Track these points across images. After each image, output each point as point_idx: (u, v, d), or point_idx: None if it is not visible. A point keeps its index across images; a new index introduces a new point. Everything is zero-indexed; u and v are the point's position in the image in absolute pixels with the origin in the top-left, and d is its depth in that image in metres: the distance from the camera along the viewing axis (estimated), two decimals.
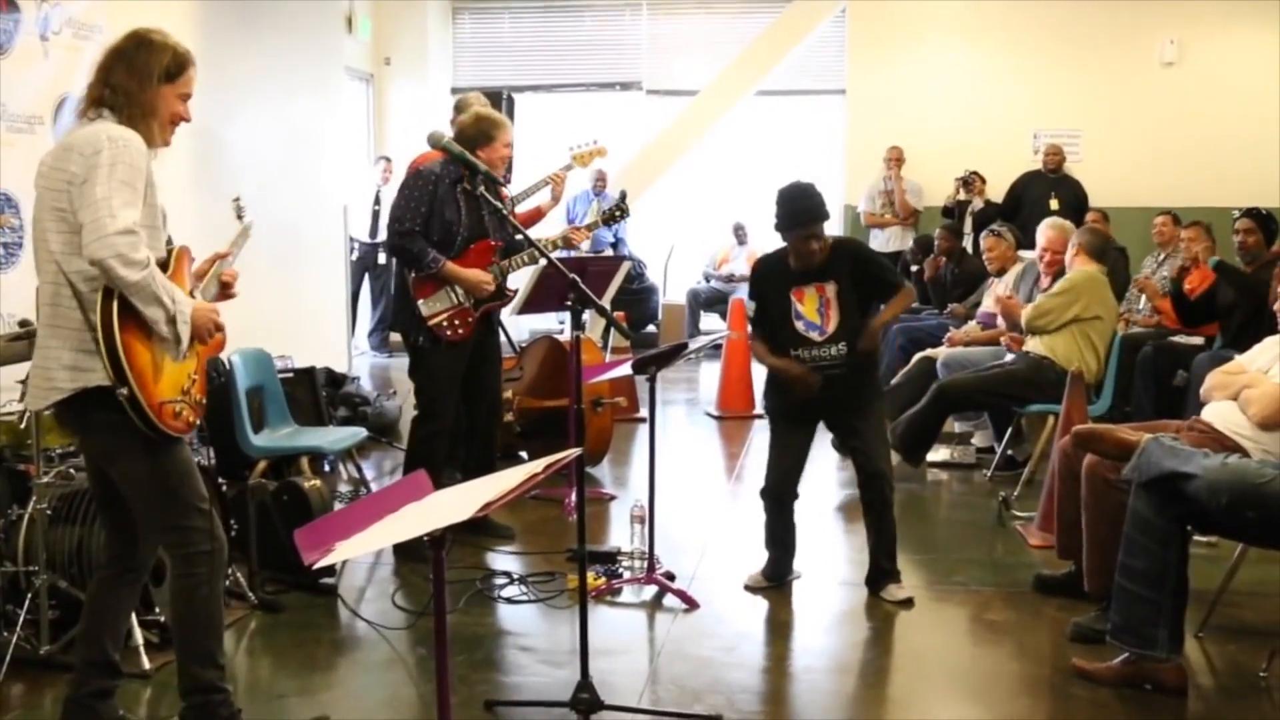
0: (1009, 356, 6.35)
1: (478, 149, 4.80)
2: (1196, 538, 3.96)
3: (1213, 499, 3.43)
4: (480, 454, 5.26)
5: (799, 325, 4.55)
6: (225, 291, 3.40)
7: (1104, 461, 3.92)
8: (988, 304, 7.22)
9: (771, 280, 4.63)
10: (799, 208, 4.47)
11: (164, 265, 3.08)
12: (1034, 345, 6.14)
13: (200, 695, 3.16)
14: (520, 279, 5.34)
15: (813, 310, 4.54)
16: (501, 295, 5.14)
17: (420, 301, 4.94)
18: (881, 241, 10.74)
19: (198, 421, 3.19)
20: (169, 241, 3.19)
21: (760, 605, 4.56)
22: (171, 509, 3.12)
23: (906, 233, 10.77)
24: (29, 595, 3.80)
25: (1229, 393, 4.18)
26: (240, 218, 3.63)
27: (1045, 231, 6.58)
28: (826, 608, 4.58)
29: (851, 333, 4.50)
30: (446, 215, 4.92)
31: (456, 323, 4.98)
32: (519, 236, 4.79)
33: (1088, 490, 4.03)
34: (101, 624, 3.30)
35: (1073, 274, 6.13)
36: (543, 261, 4.44)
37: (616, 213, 5.76)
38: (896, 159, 10.80)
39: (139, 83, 3.11)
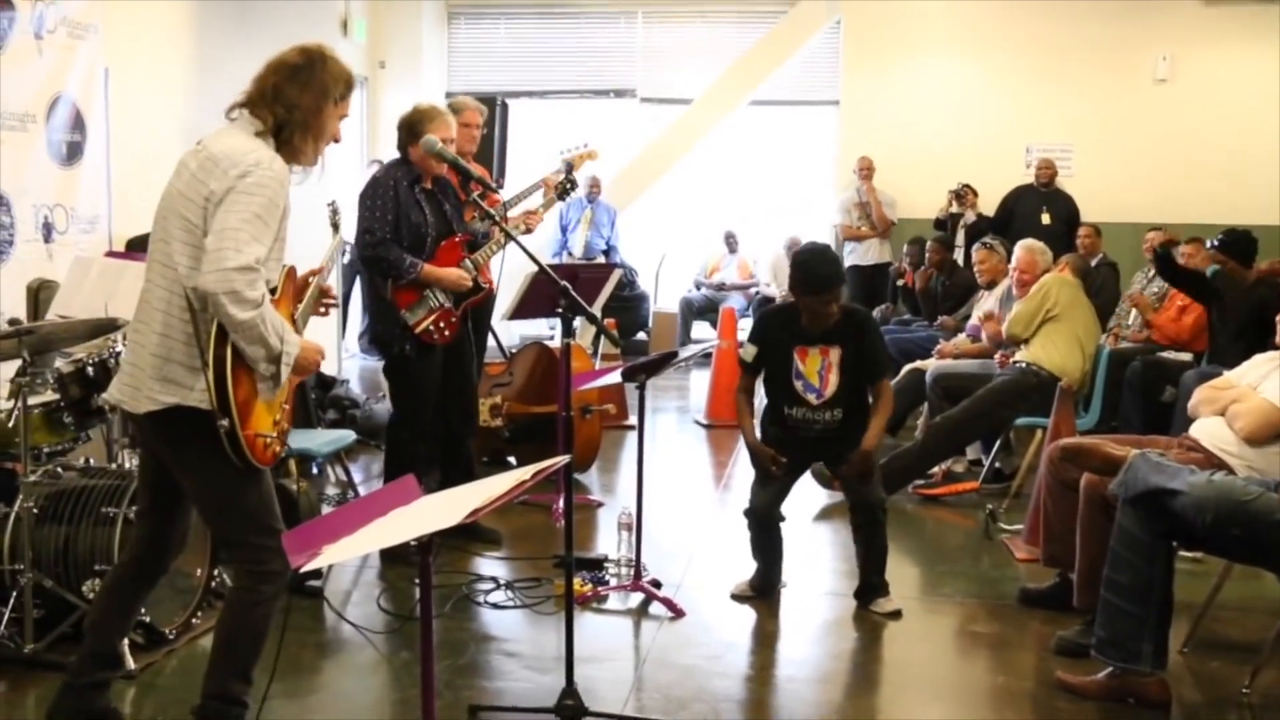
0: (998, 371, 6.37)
1: (409, 147, 4.87)
2: (1182, 553, 3.97)
3: (1199, 515, 3.43)
4: (457, 457, 5.24)
5: (798, 385, 4.53)
6: (323, 306, 3.36)
7: (1104, 481, 3.92)
8: (977, 316, 7.24)
9: (777, 334, 4.60)
10: (821, 274, 4.43)
11: (273, 290, 3.02)
12: (1020, 356, 6.21)
13: (220, 703, 3.13)
14: (511, 281, 5.33)
15: (813, 372, 4.52)
16: (478, 289, 5.11)
17: (404, 311, 4.90)
18: (859, 254, 10.66)
19: (283, 452, 3.16)
20: None
21: (746, 614, 4.56)
22: (246, 528, 3.08)
23: (884, 245, 10.74)
24: (14, 594, 3.80)
25: (1216, 408, 4.20)
26: (336, 228, 3.60)
27: (1018, 252, 6.66)
28: (813, 618, 4.59)
29: (848, 401, 4.50)
30: (413, 219, 4.88)
31: (442, 325, 4.96)
32: (502, 235, 4.81)
33: (1085, 508, 4.03)
34: (114, 616, 3.29)
35: (1044, 278, 6.32)
36: (534, 268, 4.42)
37: (567, 184, 5.80)
38: (867, 168, 10.73)
39: (317, 101, 3.05)
